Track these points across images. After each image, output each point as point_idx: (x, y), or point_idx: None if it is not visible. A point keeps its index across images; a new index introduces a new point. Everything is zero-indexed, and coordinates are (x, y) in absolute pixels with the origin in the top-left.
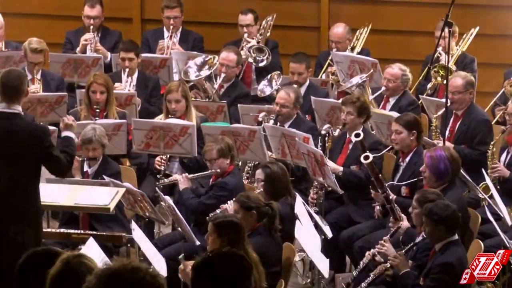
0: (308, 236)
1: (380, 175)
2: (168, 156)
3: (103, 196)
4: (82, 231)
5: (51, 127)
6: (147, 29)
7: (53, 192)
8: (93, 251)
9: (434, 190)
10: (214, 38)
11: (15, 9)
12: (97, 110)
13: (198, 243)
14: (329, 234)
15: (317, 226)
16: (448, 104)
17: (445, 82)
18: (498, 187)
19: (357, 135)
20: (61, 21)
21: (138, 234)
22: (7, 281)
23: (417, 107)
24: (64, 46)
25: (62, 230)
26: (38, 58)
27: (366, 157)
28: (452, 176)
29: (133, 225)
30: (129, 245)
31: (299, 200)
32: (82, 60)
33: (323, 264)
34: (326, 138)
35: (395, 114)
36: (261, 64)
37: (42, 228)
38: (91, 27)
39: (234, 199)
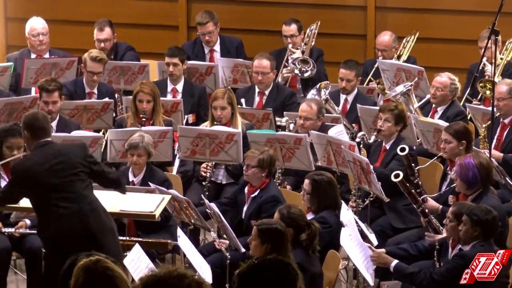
0: (354, 244)
1: (415, 190)
2: (213, 163)
3: (148, 203)
4: (127, 238)
5: (97, 134)
6: (193, 36)
7: (98, 199)
8: (139, 258)
9: (470, 203)
10: (255, 45)
11: (62, 16)
12: (144, 119)
13: (243, 250)
14: (375, 242)
15: (362, 234)
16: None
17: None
18: None
19: (403, 149)
20: None
21: (183, 241)
22: None
23: (465, 117)
24: None
25: None
26: (97, 67)
27: (397, 175)
28: (483, 183)
29: (179, 232)
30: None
31: (344, 207)
32: (128, 67)
33: (368, 272)
34: (361, 146)
35: (440, 122)
36: (306, 75)
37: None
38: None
39: (278, 208)
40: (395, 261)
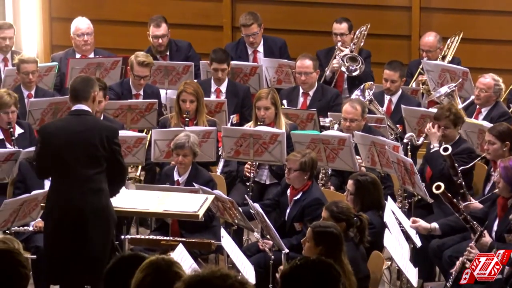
0: (397, 245)
1: (459, 191)
2: (257, 163)
3: (192, 203)
4: (171, 238)
5: (140, 134)
6: (238, 36)
7: (141, 199)
8: (182, 258)
9: None
10: (299, 46)
11: (107, 16)
12: (187, 119)
13: (287, 250)
14: (418, 243)
15: (406, 235)
16: None
17: None
18: None
19: (445, 149)
20: None
21: (227, 241)
22: (77, 275)
23: (508, 118)
24: None
25: (151, 236)
26: (144, 71)
27: (438, 187)
28: None
29: (222, 232)
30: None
31: (388, 208)
32: (172, 67)
33: (411, 273)
34: (408, 147)
35: (485, 123)
36: (354, 74)
37: (113, 227)
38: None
39: (325, 206)
40: None
